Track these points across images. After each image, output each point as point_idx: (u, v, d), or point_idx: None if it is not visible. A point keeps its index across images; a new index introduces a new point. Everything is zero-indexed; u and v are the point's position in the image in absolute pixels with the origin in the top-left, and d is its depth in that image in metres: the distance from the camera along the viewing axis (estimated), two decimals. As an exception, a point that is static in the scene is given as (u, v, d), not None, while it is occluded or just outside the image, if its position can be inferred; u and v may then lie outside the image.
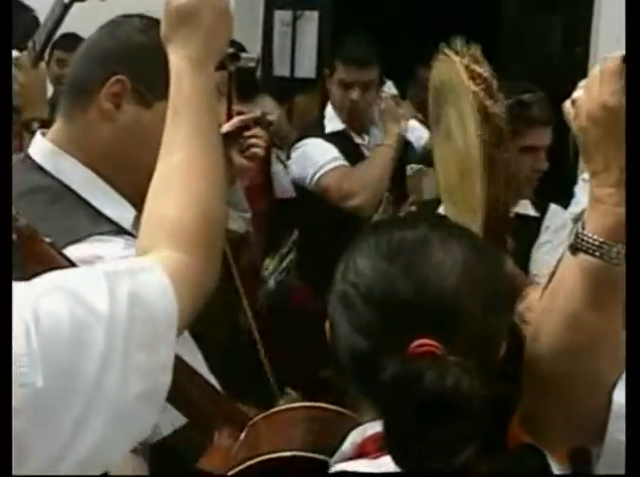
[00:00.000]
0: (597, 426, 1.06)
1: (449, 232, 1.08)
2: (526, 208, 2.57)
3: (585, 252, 1.02)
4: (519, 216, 2.54)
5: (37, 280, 0.94)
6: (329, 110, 3.21)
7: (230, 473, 1.13)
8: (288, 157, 3.23)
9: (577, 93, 1.06)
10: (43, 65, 2.28)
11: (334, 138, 3.13)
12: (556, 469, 1.06)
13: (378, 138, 3.20)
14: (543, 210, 2.59)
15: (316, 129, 3.22)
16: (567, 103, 1.08)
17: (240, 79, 2.33)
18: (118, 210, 1.44)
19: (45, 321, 0.87)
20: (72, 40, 3.12)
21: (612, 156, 1.02)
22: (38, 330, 0.86)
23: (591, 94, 1.02)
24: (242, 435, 1.23)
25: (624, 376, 1.04)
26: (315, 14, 4.93)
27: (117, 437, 0.91)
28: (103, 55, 1.47)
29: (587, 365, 1.05)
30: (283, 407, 1.27)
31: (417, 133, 3.53)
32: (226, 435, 1.25)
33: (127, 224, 1.43)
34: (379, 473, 0.97)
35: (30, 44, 2.22)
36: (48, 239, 1.16)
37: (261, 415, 1.26)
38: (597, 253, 1.01)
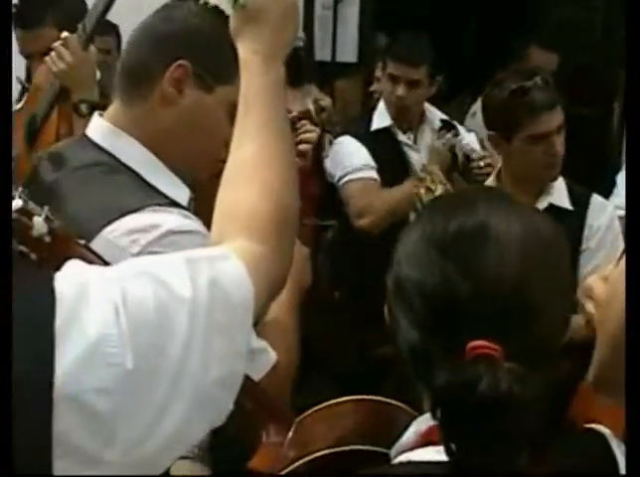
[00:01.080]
0: None
1: (508, 215, 1.01)
2: (561, 199, 2.45)
3: None
4: (553, 206, 2.42)
5: (118, 266, 0.96)
6: (380, 105, 3.21)
7: (282, 472, 1.13)
8: None
9: None
10: (92, 47, 2.29)
11: (376, 136, 3.14)
12: (618, 451, 1.04)
13: (428, 137, 3.17)
14: (582, 200, 2.46)
15: (363, 123, 3.23)
16: None
17: (287, 67, 2.29)
18: (173, 188, 1.45)
19: (132, 303, 0.89)
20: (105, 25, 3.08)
21: None
22: (126, 311, 0.87)
23: None
24: (291, 433, 1.23)
25: None
26: (356, -3, 4.89)
27: (196, 420, 0.92)
28: (162, 40, 1.46)
29: None
30: (330, 403, 1.27)
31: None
32: (273, 433, 1.25)
33: (182, 202, 1.44)
34: (443, 461, 0.92)
35: (80, 26, 2.22)
36: (82, 241, 1.16)
37: (308, 412, 1.26)
38: None
